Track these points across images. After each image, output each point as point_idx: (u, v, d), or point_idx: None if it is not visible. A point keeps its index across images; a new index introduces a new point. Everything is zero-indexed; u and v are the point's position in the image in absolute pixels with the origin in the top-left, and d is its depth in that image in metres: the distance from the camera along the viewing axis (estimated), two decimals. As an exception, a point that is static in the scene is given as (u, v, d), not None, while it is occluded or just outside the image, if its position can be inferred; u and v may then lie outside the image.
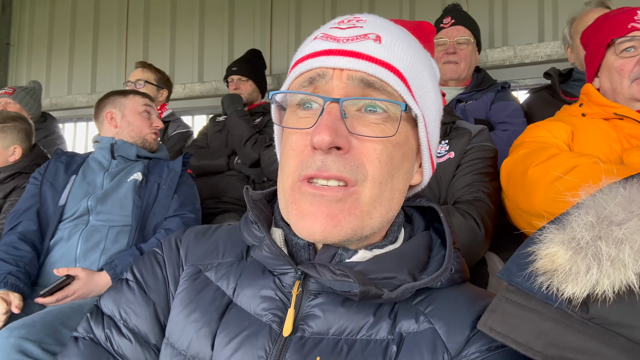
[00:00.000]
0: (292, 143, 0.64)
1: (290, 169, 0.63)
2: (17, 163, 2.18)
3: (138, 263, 0.79)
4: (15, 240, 1.71)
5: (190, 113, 3.98)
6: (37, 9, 4.67)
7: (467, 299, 0.63)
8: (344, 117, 0.60)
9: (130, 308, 0.73)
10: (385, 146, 0.62)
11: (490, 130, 2.14)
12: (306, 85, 0.64)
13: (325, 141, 0.57)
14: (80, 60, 4.41)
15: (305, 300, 0.65)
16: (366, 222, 0.62)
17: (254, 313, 0.66)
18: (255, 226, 0.69)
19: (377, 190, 0.61)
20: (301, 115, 0.64)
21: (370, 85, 0.61)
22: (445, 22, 2.36)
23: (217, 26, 3.86)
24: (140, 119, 2.05)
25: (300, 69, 0.65)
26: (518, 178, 1.33)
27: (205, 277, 0.73)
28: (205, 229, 0.82)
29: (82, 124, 4.49)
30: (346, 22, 0.66)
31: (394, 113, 0.63)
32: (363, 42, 0.63)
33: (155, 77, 3.02)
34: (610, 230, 0.49)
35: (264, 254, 0.67)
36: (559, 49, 2.70)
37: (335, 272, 0.60)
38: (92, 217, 1.78)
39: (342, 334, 0.61)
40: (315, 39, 0.66)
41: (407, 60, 0.64)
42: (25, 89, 3.24)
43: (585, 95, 1.53)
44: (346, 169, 0.59)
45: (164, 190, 1.88)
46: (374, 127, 0.62)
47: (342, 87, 0.61)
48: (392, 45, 0.64)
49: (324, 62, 0.62)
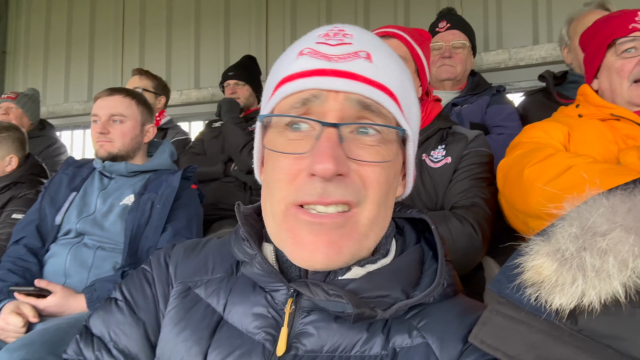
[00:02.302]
0: (283, 167, 0.61)
1: (283, 193, 0.61)
2: (13, 173, 2.18)
3: (127, 281, 0.78)
4: (23, 251, 1.71)
5: (187, 119, 3.98)
6: (33, 16, 4.68)
7: (459, 312, 0.63)
8: (341, 142, 0.59)
9: (120, 329, 0.73)
10: (382, 167, 0.62)
11: (486, 134, 2.14)
12: (298, 106, 0.61)
13: (329, 170, 0.56)
14: (77, 68, 4.42)
15: (298, 317, 0.64)
16: (363, 244, 0.62)
17: (246, 331, 0.65)
18: (246, 243, 0.68)
19: (375, 212, 0.61)
20: (291, 137, 0.62)
21: (367, 107, 0.60)
22: (441, 26, 2.37)
23: (213, 32, 3.87)
24: (91, 129, 1.89)
25: (289, 89, 0.62)
26: (514, 178, 1.33)
27: (195, 295, 0.72)
28: (194, 243, 0.81)
29: (79, 131, 4.49)
30: (332, 36, 0.64)
31: (387, 135, 0.62)
32: (356, 62, 0.61)
33: (153, 84, 3.01)
34: (594, 241, 0.49)
35: (255, 271, 0.67)
36: (554, 51, 2.71)
37: (329, 292, 0.59)
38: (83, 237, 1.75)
39: (335, 350, 0.61)
40: (301, 55, 0.63)
41: (396, 79, 0.64)
42: (27, 94, 3.25)
43: (582, 96, 1.53)
44: (348, 192, 0.59)
45: (157, 211, 1.74)
46: (370, 149, 0.61)
47: (338, 109, 0.60)
48: (382, 65, 0.63)
49: (318, 84, 0.60)
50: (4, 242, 1.90)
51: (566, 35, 2.27)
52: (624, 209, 0.50)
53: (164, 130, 2.99)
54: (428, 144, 1.54)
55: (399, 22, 3.15)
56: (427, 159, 1.50)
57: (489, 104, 2.28)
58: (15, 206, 2.06)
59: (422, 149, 1.52)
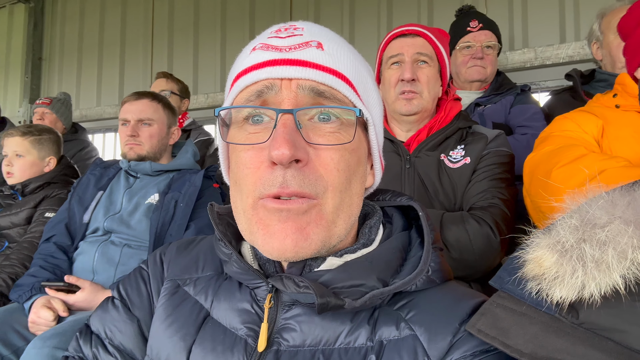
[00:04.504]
0: (245, 160, 0.61)
1: (249, 187, 0.60)
2: (47, 173, 2.28)
3: (124, 281, 0.81)
4: (53, 249, 1.78)
5: (213, 122, 4.05)
6: (67, 24, 4.88)
7: (450, 303, 0.62)
8: (299, 127, 0.59)
9: (115, 326, 0.75)
10: (342, 154, 0.61)
11: (509, 134, 2.11)
12: (253, 99, 0.61)
13: (285, 155, 0.55)
14: (108, 73, 4.58)
15: (280, 312, 0.64)
16: (332, 231, 0.61)
17: (230, 327, 0.66)
18: (221, 243, 0.68)
19: (338, 199, 0.61)
20: (251, 130, 0.62)
21: (321, 94, 0.60)
22: (473, 26, 2.32)
23: (238, 36, 3.94)
24: (119, 132, 1.98)
25: (244, 82, 0.62)
26: (541, 177, 1.27)
27: (184, 292, 0.73)
28: (188, 242, 0.82)
29: (111, 134, 4.64)
30: (283, 30, 0.65)
31: (346, 120, 0.62)
32: (306, 50, 0.62)
33: (178, 87, 3.10)
34: (594, 232, 0.49)
35: (234, 270, 0.67)
36: (581, 49, 2.65)
37: (299, 284, 0.59)
38: (111, 235, 1.81)
39: (318, 344, 0.61)
40: (254, 50, 0.64)
41: (350, 65, 0.64)
42: (60, 99, 3.38)
43: (620, 85, 1.43)
44: (306, 184, 0.58)
45: (181, 209, 1.79)
46: (329, 136, 0.61)
47: (293, 97, 0.60)
48: (334, 52, 0.63)
49: (270, 73, 0.60)
50: (37, 240, 1.98)
51: (598, 30, 2.19)
52: (623, 202, 0.49)
53: (188, 132, 3.05)
54: (447, 144, 1.52)
55: (422, 21, 3.14)
56: (446, 159, 1.48)
57: (513, 103, 2.24)
58: (47, 205, 2.14)
59: (440, 149, 1.51)
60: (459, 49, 2.33)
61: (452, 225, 1.33)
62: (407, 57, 1.52)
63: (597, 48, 2.21)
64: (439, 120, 1.56)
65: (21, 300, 1.64)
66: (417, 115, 1.54)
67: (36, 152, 2.27)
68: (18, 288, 1.67)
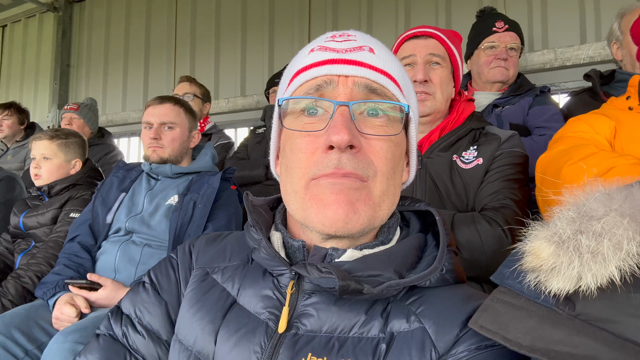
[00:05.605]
0: (301, 146, 0.67)
1: (302, 170, 0.66)
2: (73, 175, 2.35)
3: (155, 268, 0.86)
4: (77, 248, 1.84)
5: (233, 126, 4.12)
6: (94, 32, 5.04)
7: (459, 300, 0.65)
8: (353, 118, 0.66)
9: (145, 307, 0.80)
10: (389, 145, 0.68)
11: (527, 135, 2.09)
12: (312, 92, 0.68)
13: (344, 139, 0.62)
14: (133, 79, 4.71)
15: (301, 299, 0.68)
16: (377, 213, 0.67)
17: (254, 311, 0.70)
18: (253, 229, 0.73)
19: (385, 185, 0.67)
20: (306, 121, 0.69)
21: (374, 91, 0.68)
22: (499, 27, 2.31)
23: (258, 42, 4.00)
24: (143, 135, 2.03)
25: (304, 77, 0.70)
26: (552, 176, 1.27)
27: (212, 279, 0.78)
28: (216, 235, 0.88)
29: (135, 138, 4.77)
30: (338, 36, 0.73)
31: (393, 116, 0.69)
32: (361, 53, 0.69)
33: (201, 91, 3.16)
34: (590, 224, 0.50)
35: (261, 256, 0.71)
36: (602, 50, 2.61)
37: (322, 270, 0.63)
38: (132, 235, 1.86)
39: (334, 331, 0.64)
40: (312, 51, 0.72)
41: (397, 69, 0.72)
42: (87, 105, 3.48)
43: (633, 88, 1.44)
44: (359, 167, 0.64)
45: (199, 210, 1.83)
46: (378, 128, 0.68)
47: (348, 93, 0.67)
48: (383, 56, 0.71)
49: (330, 70, 0.68)
50: (62, 239, 2.05)
51: (618, 30, 2.15)
52: (620, 196, 0.50)
53: (209, 135, 3.11)
54: (459, 144, 1.52)
55: (440, 23, 3.13)
56: (458, 160, 1.47)
57: (531, 105, 2.22)
58: (72, 206, 2.20)
59: (453, 150, 1.50)
60: (483, 48, 2.31)
61: (464, 225, 1.32)
62: (419, 58, 1.52)
63: (617, 48, 2.17)
64: (451, 121, 1.56)
65: (46, 297, 1.69)
66: (430, 117, 1.54)
67: (63, 155, 2.34)
68: (43, 285, 1.72)
